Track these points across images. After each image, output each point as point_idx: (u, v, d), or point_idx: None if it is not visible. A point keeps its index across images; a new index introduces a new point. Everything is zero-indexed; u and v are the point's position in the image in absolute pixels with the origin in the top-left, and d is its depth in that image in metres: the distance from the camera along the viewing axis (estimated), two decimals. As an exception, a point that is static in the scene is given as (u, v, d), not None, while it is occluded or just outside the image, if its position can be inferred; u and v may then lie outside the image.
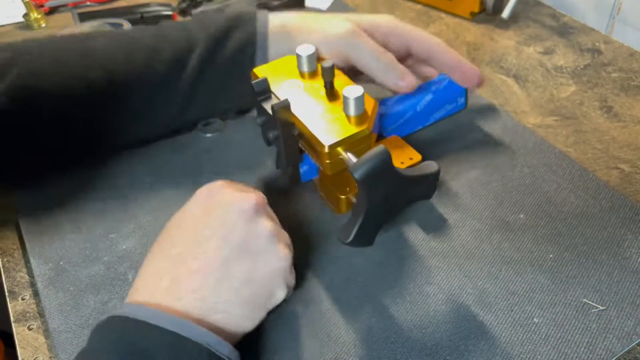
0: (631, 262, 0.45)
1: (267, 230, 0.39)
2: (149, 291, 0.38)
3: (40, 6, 0.88)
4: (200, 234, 0.39)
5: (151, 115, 0.55)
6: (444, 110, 0.59)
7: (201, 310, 0.37)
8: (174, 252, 0.39)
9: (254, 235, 0.39)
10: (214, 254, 0.38)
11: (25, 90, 0.50)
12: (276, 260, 0.39)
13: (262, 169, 0.57)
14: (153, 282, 0.38)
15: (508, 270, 0.46)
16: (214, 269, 0.38)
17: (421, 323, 0.43)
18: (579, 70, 0.67)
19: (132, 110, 0.54)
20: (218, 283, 0.38)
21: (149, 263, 0.40)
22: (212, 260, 0.38)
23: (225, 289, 0.38)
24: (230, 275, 0.38)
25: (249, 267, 0.39)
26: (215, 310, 0.37)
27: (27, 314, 0.46)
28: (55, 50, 0.52)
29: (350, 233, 0.41)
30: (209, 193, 0.41)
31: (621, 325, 0.41)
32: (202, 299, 0.37)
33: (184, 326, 0.35)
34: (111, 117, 0.54)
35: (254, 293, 0.39)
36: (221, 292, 0.38)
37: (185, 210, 0.42)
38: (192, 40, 0.53)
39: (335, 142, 0.43)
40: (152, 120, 0.56)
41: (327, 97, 0.47)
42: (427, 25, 0.78)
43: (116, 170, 0.58)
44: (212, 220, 0.39)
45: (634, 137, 0.57)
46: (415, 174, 0.44)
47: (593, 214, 0.49)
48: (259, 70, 0.51)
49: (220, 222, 0.39)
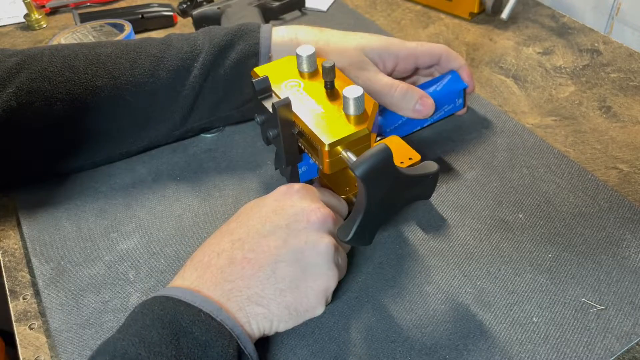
0: (630, 262, 0.45)
1: (326, 247, 0.40)
2: (204, 266, 0.40)
3: (42, 7, 0.89)
4: (264, 228, 0.41)
5: (154, 121, 0.56)
6: (443, 110, 0.59)
7: (244, 299, 0.39)
8: (236, 236, 0.41)
9: (312, 247, 0.40)
10: (270, 251, 0.40)
11: (33, 94, 0.51)
12: (325, 279, 0.40)
13: (262, 169, 0.57)
14: (209, 258, 0.40)
15: (507, 270, 0.46)
16: (265, 264, 0.39)
17: (420, 322, 0.43)
18: (578, 70, 0.67)
19: (136, 116, 0.55)
20: (266, 279, 0.39)
21: (214, 239, 0.42)
22: (266, 256, 0.39)
23: (272, 286, 0.39)
24: (278, 276, 0.39)
25: (298, 275, 0.40)
26: (257, 302, 0.39)
27: (28, 314, 0.46)
28: (64, 57, 0.52)
29: (350, 231, 0.41)
30: (287, 192, 0.43)
31: (620, 325, 0.41)
32: (248, 287, 0.39)
33: (220, 313, 0.37)
34: (116, 124, 0.55)
35: (295, 300, 0.40)
36: (266, 288, 0.39)
37: (261, 201, 0.44)
38: (197, 49, 0.54)
39: (335, 141, 0.43)
40: (156, 128, 0.56)
41: (327, 97, 0.47)
42: (426, 25, 0.78)
43: (117, 170, 0.58)
44: (279, 219, 0.41)
45: (633, 137, 0.57)
46: (415, 174, 0.44)
47: (592, 214, 0.49)
48: (260, 70, 0.51)
49: (286, 224, 0.41)
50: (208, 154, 0.59)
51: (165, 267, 0.48)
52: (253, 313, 0.39)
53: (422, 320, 0.43)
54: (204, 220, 0.52)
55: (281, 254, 0.40)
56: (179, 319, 0.36)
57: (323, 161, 0.44)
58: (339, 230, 0.42)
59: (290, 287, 0.39)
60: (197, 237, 0.51)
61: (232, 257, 0.40)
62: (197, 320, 0.36)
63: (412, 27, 0.78)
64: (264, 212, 0.42)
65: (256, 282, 0.39)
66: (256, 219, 0.42)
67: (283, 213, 0.41)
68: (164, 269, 0.48)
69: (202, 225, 0.52)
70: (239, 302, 0.38)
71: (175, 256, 0.49)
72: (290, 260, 0.39)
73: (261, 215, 0.42)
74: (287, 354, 0.42)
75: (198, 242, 0.50)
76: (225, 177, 0.57)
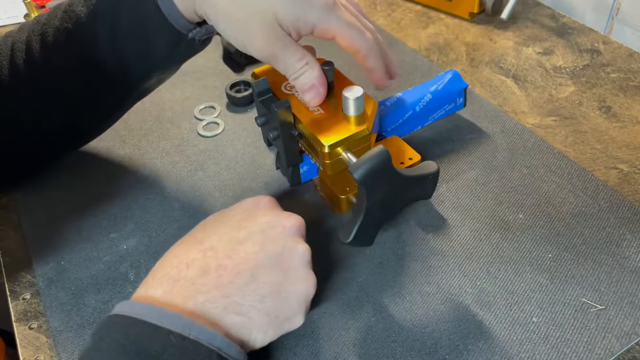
0: (630, 262, 0.45)
1: (304, 251, 0.39)
2: (170, 280, 0.37)
3: (42, 7, 0.88)
4: (239, 234, 0.39)
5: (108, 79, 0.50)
6: (443, 110, 0.59)
7: (220, 310, 0.36)
8: (207, 245, 0.38)
9: (290, 252, 0.39)
10: (248, 257, 0.38)
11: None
12: (305, 284, 0.39)
13: (262, 169, 0.57)
14: (178, 270, 0.37)
15: (507, 270, 0.46)
16: (244, 270, 0.37)
17: (420, 322, 0.43)
18: (577, 70, 0.67)
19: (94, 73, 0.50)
20: (245, 285, 0.37)
21: (178, 250, 0.39)
22: (245, 262, 0.38)
23: (251, 293, 0.37)
24: (259, 281, 0.37)
25: (279, 280, 0.38)
26: (235, 311, 0.36)
27: (28, 314, 0.46)
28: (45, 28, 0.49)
29: (350, 233, 0.42)
30: (255, 203, 0.42)
31: (620, 325, 0.41)
32: (225, 296, 0.36)
33: (194, 327, 0.34)
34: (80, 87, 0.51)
35: (276, 307, 0.38)
36: (246, 295, 0.37)
37: (227, 211, 0.42)
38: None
39: (335, 142, 0.43)
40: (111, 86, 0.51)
41: (327, 97, 0.47)
42: (426, 25, 0.78)
43: (116, 170, 0.58)
44: (253, 226, 0.39)
45: (633, 137, 0.57)
46: (415, 174, 0.44)
47: (592, 214, 0.50)
48: (259, 71, 0.51)
49: (261, 230, 0.39)
50: (208, 154, 0.59)
51: (165, 267, 0.48)
52: (231, 323, 0.36)
53: (422, 320, 0.43)
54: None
55: (260, 258, 0.38)
56: (146, 346, 0.33)
57: (323, 162, 0.44)
58: (339, 232, 0.42)
59: (271, 293, 0.37)
60: (197, 237, 0.51)
61: (205, 266, 0.37)
62: (167, 345, 0.33)
63: (412, 27, 0.78)
64: (235, 220, 0.40)
65: (235, 289, 0.37)
66: (227, 227, 0.40)
67: (256, 220, 0.40)
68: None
69: (202, 225, 0.52)
70: (216, 314, 0.36)
71: (175, 256, 0.49)
72: (269, 265, 0.38)
73: (232, 224, 0.40)
74: (287, 354, 0.42)
75: (198, 242, 0.50)
76: (225, 177, 0.57)
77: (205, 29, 0.47)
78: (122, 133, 0.63)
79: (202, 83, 0.70)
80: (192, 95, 0.68)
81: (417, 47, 0.73)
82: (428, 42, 0.74)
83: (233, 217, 0.41)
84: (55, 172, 0.58)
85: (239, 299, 0.37)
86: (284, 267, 0.38)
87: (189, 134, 0.62)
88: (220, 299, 0.36)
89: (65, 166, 0.58)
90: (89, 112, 0.54)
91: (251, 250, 0.38)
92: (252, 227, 0.39)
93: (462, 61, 0.70)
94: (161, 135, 0.62)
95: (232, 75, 0.71)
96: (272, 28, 0.42)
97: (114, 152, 0.60)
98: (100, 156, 0.60)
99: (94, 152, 0.60)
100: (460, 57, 0.71)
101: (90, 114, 0.54)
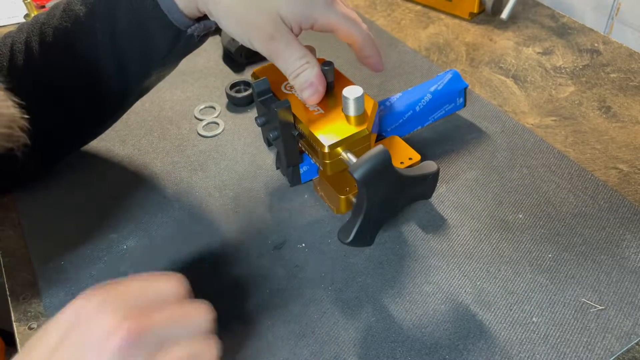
0: (630, 262, 0.45)
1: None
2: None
3: (42, 7, 0.88)
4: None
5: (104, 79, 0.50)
6: (443, 110, 0.59)
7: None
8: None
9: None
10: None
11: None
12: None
13: (262, 169, 0.57)
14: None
15: (507, 270, 0.46)
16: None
17: (420, 322, 0.43)
18: (577, 70, 0.67)
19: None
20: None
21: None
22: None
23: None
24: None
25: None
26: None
27: (28, 314, 0.46)
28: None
29: (350, 233, 0.42)
30: (75, 316, 0.31)
31: (620, 325, 0.41)
32: None
33: None
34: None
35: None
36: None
37: (42, 333, 0.31)
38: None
39: (335, 142, 0.43)
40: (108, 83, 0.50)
41: (326, 97, 0.47)
42: (426, 25, 0.78)
43: (117, 170, 0.58)
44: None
45: (633, 137, 0.57)
46: (415, 174, 0.44)
47: (592, 214, 0.50)
48: (259, 71, 0.51)
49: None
50: (208, 154, 0.59)
51: (165, 267, 0.48)
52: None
53: (422, 320, 0.43)
54: (204, 221, 0.52)
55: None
56: None
57: (323, 162, 0.44)
58: (339, 232, 0.42)
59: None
60: (197, 238, 0.51)
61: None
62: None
63: (412, 27, 0.78)
64: (46, 350, 0.30)
65: None
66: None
67: (67, 348, 0.29)
68: (163, 270, 0.48)
69: (202, 225, 0.52)
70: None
71: (175, 256, 0.49)
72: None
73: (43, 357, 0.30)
74: (287, 354, 0.42)
75: (198, 242, 0.50)
76: (225, 177, 0.57)
77: (204, 25, 0.47)
78: (122, 133, 0.63)
79: (202, 83, 0.70)
80: (192, 95, 0.68)
81: (417, 47, 0.73)
82: (428, 42, 0.74)
83: (45, 344, 0.30)
84: (55, 172, 0.58)
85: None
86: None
87: (189, 134, 0.62)
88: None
89: (65, 166, 0.58)
90: (89, 112, 0.54)
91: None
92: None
93: (462, 61, 0.70)
94: (161, 135, 0.62)
95: (232, 75, 0.71)
96: (276, 24, 0.42)
97: (114, 152, 0.60)
98: (100, 156, 0.60)
99: (94, 152, 0.60)
100: (460, 57, 0.71)
101: (90, 114, 0.54)
